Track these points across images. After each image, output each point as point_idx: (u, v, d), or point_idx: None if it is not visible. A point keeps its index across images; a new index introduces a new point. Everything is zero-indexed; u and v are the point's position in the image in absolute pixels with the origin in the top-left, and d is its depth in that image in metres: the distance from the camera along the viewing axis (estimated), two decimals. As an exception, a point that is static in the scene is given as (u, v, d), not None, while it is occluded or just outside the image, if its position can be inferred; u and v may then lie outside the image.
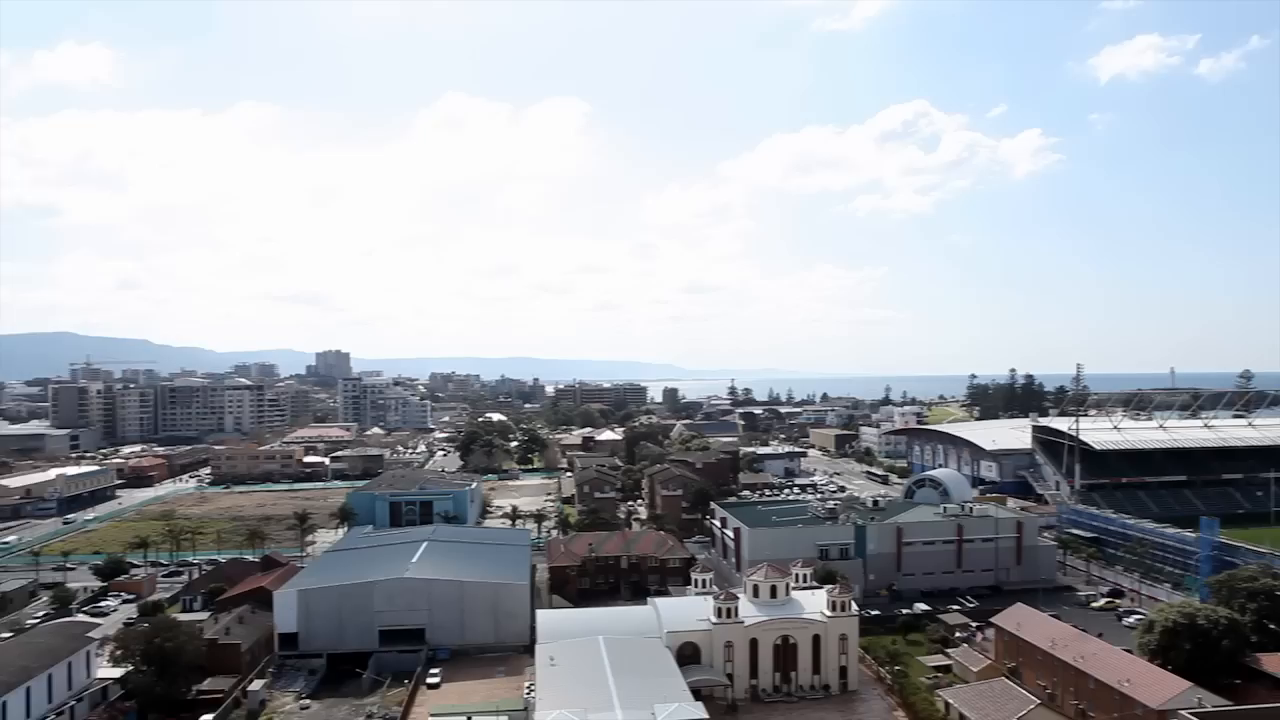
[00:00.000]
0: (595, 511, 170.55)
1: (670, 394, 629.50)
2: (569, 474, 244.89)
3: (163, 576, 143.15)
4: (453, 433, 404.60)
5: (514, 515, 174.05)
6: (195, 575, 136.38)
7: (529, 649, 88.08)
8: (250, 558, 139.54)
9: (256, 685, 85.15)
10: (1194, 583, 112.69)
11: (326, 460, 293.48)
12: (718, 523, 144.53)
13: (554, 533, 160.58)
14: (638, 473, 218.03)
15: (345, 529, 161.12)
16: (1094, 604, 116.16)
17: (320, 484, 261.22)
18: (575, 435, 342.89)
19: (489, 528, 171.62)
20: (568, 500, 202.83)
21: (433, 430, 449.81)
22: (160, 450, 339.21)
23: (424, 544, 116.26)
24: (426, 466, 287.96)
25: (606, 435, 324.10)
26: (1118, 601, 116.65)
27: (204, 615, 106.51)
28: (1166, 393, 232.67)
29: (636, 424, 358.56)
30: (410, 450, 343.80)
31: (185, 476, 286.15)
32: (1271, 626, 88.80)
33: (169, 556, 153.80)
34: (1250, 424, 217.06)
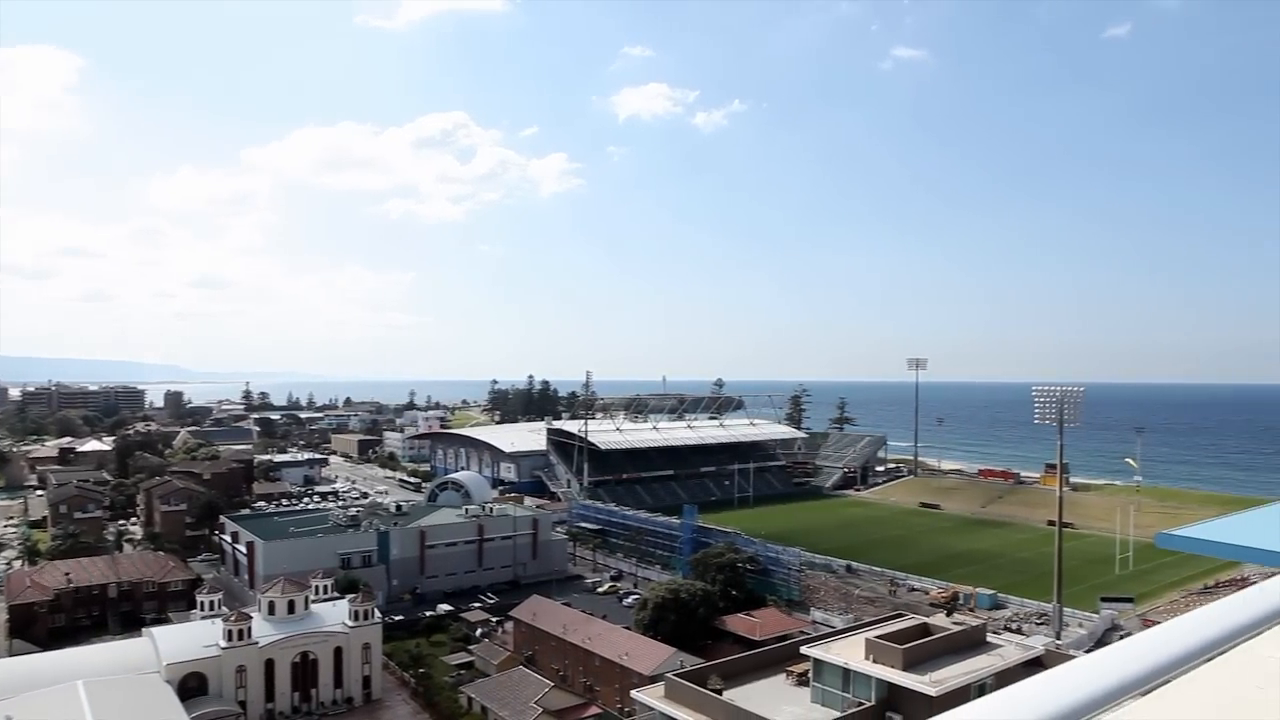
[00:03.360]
0: (75, 535, 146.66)
1: (174, 398, 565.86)
2: (40, 492, 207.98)
3: None
4: None
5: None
6: None
7: (-21, 707, 72.90)
8: None
9: None
10: (678, 562, 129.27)
11: None
12: (228, 538, 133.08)
13: (17, 564, 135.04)
14: (131, 487, 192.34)
15: None
16: (599, 589, 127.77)
17: None
18: (50, 446, 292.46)
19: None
20: (38, 523, 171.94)
21: None
22: None
23: None
24: None
25: (92, 446, 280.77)
26: (619, 585, 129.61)
27: None
28: (659, 397, 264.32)
29: (131, 432, 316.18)
30: None
31: None
32: (734, 593, 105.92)
33: None
34: (721, 424, 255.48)
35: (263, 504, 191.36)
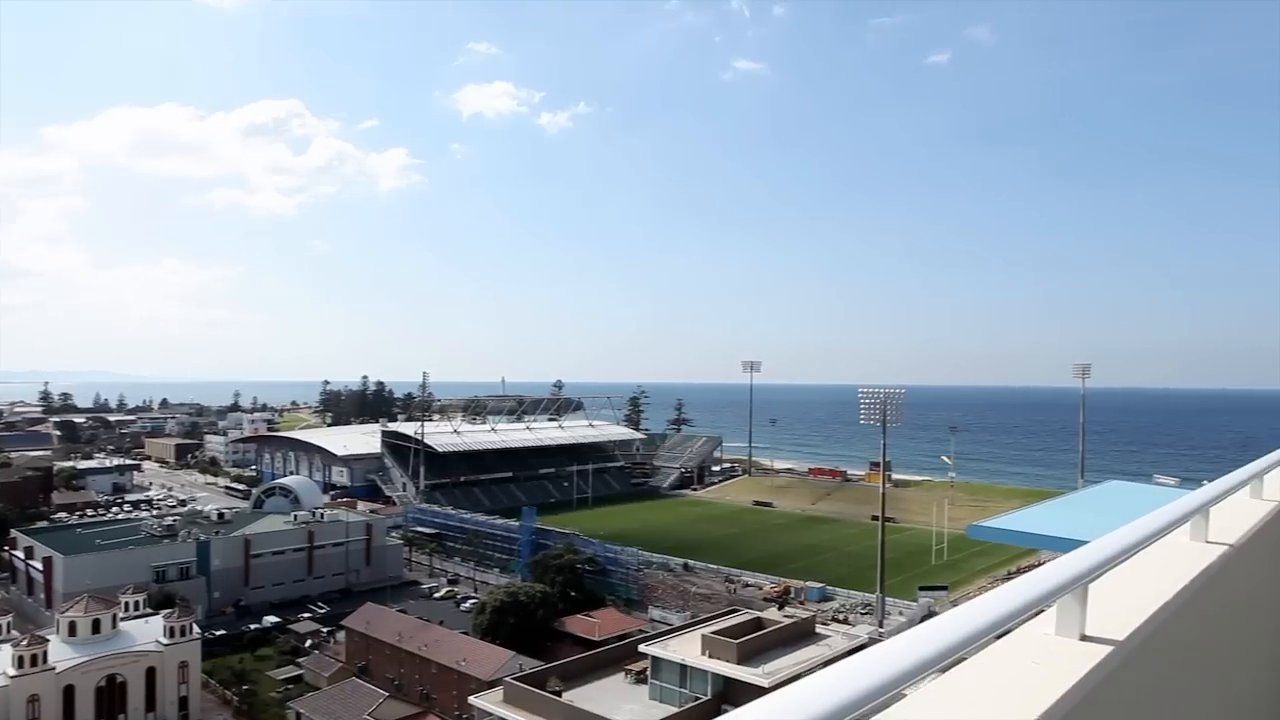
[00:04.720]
0: None
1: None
2: None
3: None
4: None
5: None
6: None
7: None
8: None
9: None
10: (517, 565, 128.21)
11: None
12: (21, 554, 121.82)
13: None
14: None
15: None
16: (437, 594, 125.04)
17: None
18: None
19: None
20: None
21: None
22: None
23: None
24: None
25: None
26: (456, 589, 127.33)
27: None
28: (498, 399, 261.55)
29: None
30: None
31: None
32: (573, 594, 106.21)
33: None
34: (560, 426, 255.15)
35: (64, 515, 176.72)
